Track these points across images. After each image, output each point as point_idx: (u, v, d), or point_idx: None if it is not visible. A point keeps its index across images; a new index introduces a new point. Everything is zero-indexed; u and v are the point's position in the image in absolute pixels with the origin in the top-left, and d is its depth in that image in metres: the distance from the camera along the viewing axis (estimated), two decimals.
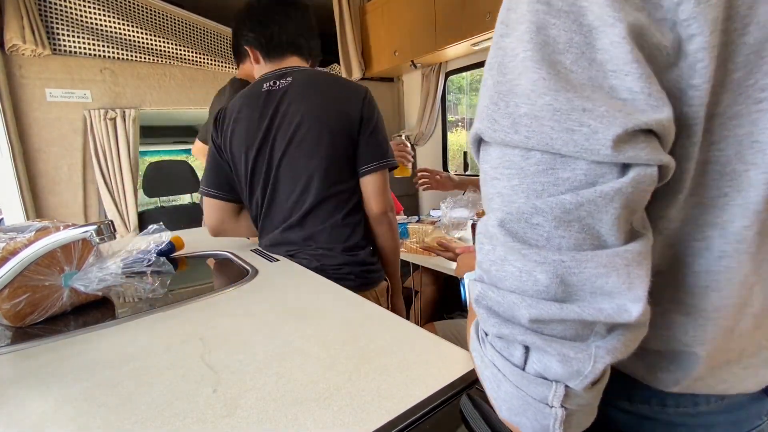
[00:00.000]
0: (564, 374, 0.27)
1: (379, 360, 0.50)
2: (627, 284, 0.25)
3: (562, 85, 0.25)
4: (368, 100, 0.97)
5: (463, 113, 4.39)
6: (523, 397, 0.28)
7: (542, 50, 0.26)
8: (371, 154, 0.97)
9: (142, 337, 0.61)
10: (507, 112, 0.27)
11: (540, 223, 0.26)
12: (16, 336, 0.65)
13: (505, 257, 0.27)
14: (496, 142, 0.28)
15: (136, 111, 2.22)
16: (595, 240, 0.26)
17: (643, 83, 0.24)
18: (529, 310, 0.26)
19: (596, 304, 0.26)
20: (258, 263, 0.96)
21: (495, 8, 0.30)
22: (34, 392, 0.48)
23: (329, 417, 0.40)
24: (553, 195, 0.26)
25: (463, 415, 0.39)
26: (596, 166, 0.25)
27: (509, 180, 0.28)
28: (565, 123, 0.25)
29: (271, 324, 0.62)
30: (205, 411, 0.42)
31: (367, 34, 3.01)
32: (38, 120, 2.02)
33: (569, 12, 0.26)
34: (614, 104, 0.24)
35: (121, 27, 2.16)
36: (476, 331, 0.33)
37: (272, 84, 0.97)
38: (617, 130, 0.23)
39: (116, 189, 2.23)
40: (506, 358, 0.29)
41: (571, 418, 0.28)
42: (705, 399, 0.38)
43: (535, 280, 0.26)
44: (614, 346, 0.26)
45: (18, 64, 1.95)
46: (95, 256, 0.76)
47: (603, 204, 0.25)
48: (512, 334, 0.28)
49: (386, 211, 1.00)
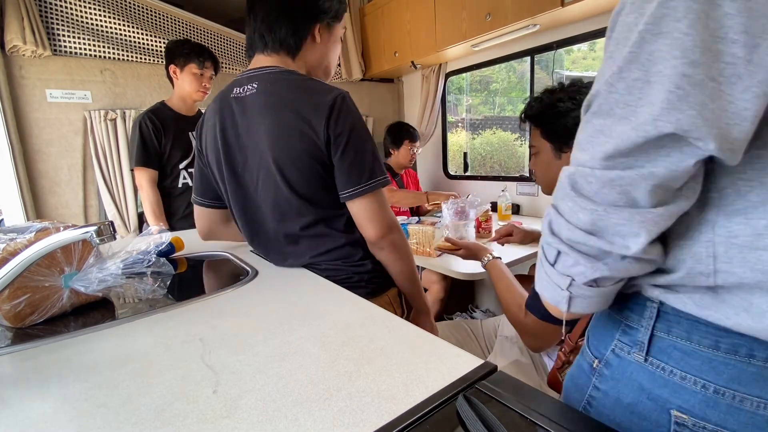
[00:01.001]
0: (574, 272, 0.44)
1: (379, 360, 0.50)
2: (636, 233, 0.38)
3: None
4: (335, 113, 0.80)
5: (463, 114, 4.39)
6: (548, 280, 0.47)
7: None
8: (347, 179, 0.83)
9: (142, 338, 0.61)
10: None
11: (593, 182, 0.39)
12: (16, 337, 0.65)
13: (565, 197, 0.42)
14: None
15: (136, 112, 2.22)
16: (629, 201, 0.38)
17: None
18: (567, 233, 0.42)
19: (610, 239, 0.40)
20: (258, 264, 0.96)
21: (495, 8, 0.31)
22: (34, 393, 0.48)
23: (329, 417, 0.40)
24: (609, 168, 0.38)
25: (459, 417, 0.39)
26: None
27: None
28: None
29: (271, 324, 0.62)
30: (205, 411, 0.42)
31: (367, 36, 3.02)
32: (38, 121, 2.02)
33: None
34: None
35: (122, 28, 2.17)
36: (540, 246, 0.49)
37: (240, 90, 0.88)
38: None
39: (116, 190, 2.23)
40: (546, 257, 0.47)
41: (574, 300, 0.45)
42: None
43: (578, 218, 0.41)
44: (617, 267, 0.41)
45: (18, 65, 1.95)
46: (95, 257, 0.76)
47: (637, 181, 0.36)
48: (554, 243, 0.44)
49: (383, 236, 0.86)
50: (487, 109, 5.50)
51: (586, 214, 0.40)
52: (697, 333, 0.42)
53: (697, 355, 0.42)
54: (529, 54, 2.31)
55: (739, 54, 0.32)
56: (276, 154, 0.83)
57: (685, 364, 0.43)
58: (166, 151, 1.79)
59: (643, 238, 0.38)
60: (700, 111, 0.33)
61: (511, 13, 1.93)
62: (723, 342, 0.41)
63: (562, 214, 0.43)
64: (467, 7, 2.16)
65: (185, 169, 1.85)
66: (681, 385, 0.43)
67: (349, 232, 0.91)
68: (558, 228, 0.44)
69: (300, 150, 0.82)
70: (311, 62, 0.92)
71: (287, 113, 0.82)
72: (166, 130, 1.77)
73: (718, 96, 0.33)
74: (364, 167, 0.83)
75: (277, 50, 0.88)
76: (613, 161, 0.37)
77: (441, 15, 2.35)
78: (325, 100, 0.81)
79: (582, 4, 1.72)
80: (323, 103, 0.80)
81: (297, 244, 0.91)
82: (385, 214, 0.87)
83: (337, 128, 0.81)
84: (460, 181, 2.96)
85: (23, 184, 1.98)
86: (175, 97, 1.83)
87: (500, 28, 2.00)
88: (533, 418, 0.39)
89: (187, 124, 1.83)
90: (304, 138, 0.81)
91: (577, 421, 0.39)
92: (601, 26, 1.91)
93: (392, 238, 0.88)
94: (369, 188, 0.83)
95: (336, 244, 0.90)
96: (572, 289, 0.44)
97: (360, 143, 0.83)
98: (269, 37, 0.86)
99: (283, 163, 0.83)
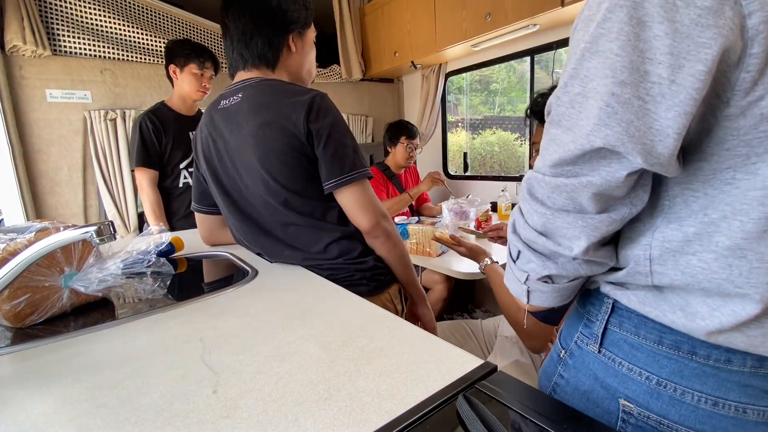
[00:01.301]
0: (528, 268, 0.48)
1: (379, 360, 0.50)
2: (577, 236, 0.43)
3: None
4: (315, 110, 0.84)
5: (463, 114, 4.39)
6: (512, 275, 0.52)
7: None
8: (329, 170, 0.86)
9: (142, 338, 0.61)
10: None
11: (544, 187, 0.43)
12: (16, 337, 0.65)
13: (523, 199, 0.47)
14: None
15: (136, 112, 2.22)
16: (577, 206, 0.41)
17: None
18: (524, 232, 0.47)
19: (558, 240, 0.45)
20: (258, 263, 0.96)
21: (495, 8, 0.31)
22: (34, 393, 0.48)
23: (329, 418, 0.40)
24: (556, 176, 0.41)
25: (459, 416, 0.39)
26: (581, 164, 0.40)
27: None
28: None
29: (271, 324, 0.62)
30: (205, 411, 0.42)
31: (367, 36, 3.02)
32: (38, 120, 2.02)
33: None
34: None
35: (122, 28, 2.17)
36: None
37: (226, 102, 0.92)
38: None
39: (116, 190, 2.23)
40: (510, 253, 0.52)
41: (532, 294, 0.50)
42: (741, 359, 0.40)
43: (532, 219, 0.45)
44: (567, 267, 0.45)
45: (18, 65, 1.95)
46: (95, 257, 0.76)
47: (579, 188, 0.40)
48: (514, 240, 0.49)
49: (375, 224, 0.89)
50: (487, 109, 5.50)
51: (539, 216, 0.44)
52: (644, 328, 0.45)
53: (644, 349, 0.45)
54: (529, 54, 2.31)
55: (664, 74, 0.34)
56: (260, 152, 0.86)
57: (632, 356, 0.46)
58: (166, 152, 1.79)
59: (583, 241, 0.42)
60: (627, 128, 0.35)
61: (511, 13, 1.93)
62: (666, 338, 0.44)
63: (523, 214, 0.48)
64: (467, 7, 2.16)
65: (186, 169, 1.85)
66: (628, 376, 0.46)
67: (344, 224, 0.93)
68: (519, 227, 0.48)
69: (283, 144, 0.85)
70: (292, 70, 0.97)
71: (269, 113, 0.86)
72: (166, 130, 1.77)
73: (645, 114, 0.35)
74: (345, 160, 0.86)
75: (257, 65, 0.92)
76: (560, 169, 0.41)
77: (441, 15, 2.35)
78: (304, 98, 0.85)
79: (582, 4, 1.71)
80: (302, 101, 0.85)
81: (292, 235, 0.92)
82: (374, 203, 0.90)
83: (317, 123, 0.84)
84: (460, 181, 2.96)
85: (23, 184, 1.98)
86: (175, 97, 1.84)
87: (500, 28, 2.00)
88: (533, 418, 0.39)
89: (187, 123, 1.83)
90: (285, 132, 0.85)
91: (577, 421, 0.39)
92: None
93: (385, 226, 0.91)
94: (352, 178, 0.86)
95: (332, 237, 0.91)
96: (529, 284, 0.49)
97: (340, 137, 0.87)
98: (247, 54, 0.91)
99: (268, 158, 0.86)
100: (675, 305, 0.42)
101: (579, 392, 0.52)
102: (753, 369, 0.40)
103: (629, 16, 0.34)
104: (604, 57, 0.36)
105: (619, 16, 0.34)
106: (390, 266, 0.98)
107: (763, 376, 0.40)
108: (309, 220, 0.91)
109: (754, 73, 0.33)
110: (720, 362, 0.41)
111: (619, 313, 0.48)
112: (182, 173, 1.85)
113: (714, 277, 0.38)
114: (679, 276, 0.40)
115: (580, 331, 0.53)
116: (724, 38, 0.32)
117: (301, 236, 0.92)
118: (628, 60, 0.34)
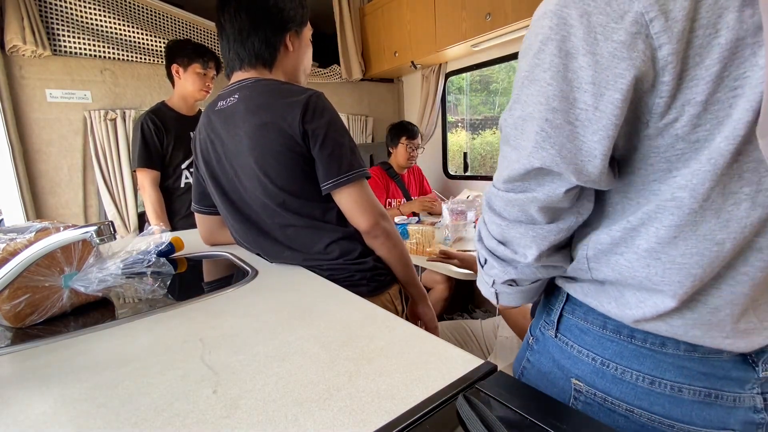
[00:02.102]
0: (492, 273, 0.53)
1: (379, 360, 0.50)
2: (529, 245, 0.48)
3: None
4: (311, 110, 0.83)
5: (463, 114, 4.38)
6: (481, 279, 0.57)
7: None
8: (326, 171, 0.85)
9: (142, 338, 0.61)
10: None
11: (499, 201, 0.48)
12: (16, 337, 0.65)
13: (484, 210, 0.52)
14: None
15: (136, 112, 2.22)
16: (529, 217, 0.46)
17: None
18: (487, 241, 0.52)
19: (514, 248, 0.49)
20: (258, 263, 0.96)
21: (495, 8, 0.31)
22: (34, 393, 0.48)
23: (329, 418, 0.40)
24: (508, 191, 0.46)
25: (459, 417, 0.39)
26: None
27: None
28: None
29: (271, 324, 0.62)
30: (205, 411, 0.42)
31: (367, 35, 3.02)
32: (38, 120, 2.02)
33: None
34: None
35: (122, 28, 2.16)
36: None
37: (223, 103, 0.92)
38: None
39: (116, 190, 2.23)
40: (479, 260, 0.56)
41: (500, 295, 0.55)
42: (675, 343, 0.46)
43: (492, 229, 0.51)
44: (525, 272, 0.50)
45: (18, 65, 1.95)
46: (95, 257, 0.76)
47: (527, 202, 0.45)
48: (480, 248, 0.55)
49: (374, 224, 0.88)
50: (487, 109, 5.49)
51: (497, 227, 0.50)
52: (591, 315, 0.51)
53: (591, 333, 0.51)
54: None
55: (589, 102, 0.38)
56: (257, 153, 0.86)
57: (581, 339, 0.52)
58: (168, 152, 1.79)
59: (534, 250, 0.47)
60: (560, 150, 0.40)
61: (511, 13, 1.93)
62: (610, 323, 0.49)
63: (485, 224, 0.52)
64: (467, 7, 2.15)
65: (187, 169, 1.85)
66: (578, 357, 0.52)
67: (344, 225, 0.92)
68: (483, 237, 0.54)
69: (280, 145, 0.84)
70: (288, 70, 0.96)
71: (265, 113, 0.85)
72: (167, 130, 1.77)
73: (574, 137, 0.40)
74: (342, 160, 0.85)
75: (254, 64, 0.91)
76: (510, 184, 0.46)
77: (441, 15, 2.35)
78: (300, 98, 0.84)
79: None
80: (298, 101, 0.83)
81: (292, 236, 0.92)
82: (373, 203, 0.89)
83: (313, 123, 0.83)
84: (460, 181, 2.96)
85: (23, 184, 1.98)
86: (176, 97, 1.84)
87: (500, 28, 2.00)
88: (533, 418, 0.39)
89: (188, 124, 1.83)
90: (281, 133, 0.84)
91: (577, 421, 0.39)
92: None
93: (384, 226, 0.90)
94: (349, 178, 0.85)
95: (332, 238, 0.90)
96: (496, 287, 0.55)
97: (337, 137, 0.86)
98: (244, 54, 0.90)
99: (265, 160, 0.86)
100: (611, 297, 0.47)
101: (541, 374, 0.57)
102: (687, 352, 0.45)
103: (558, 48, 0.38)
104: (539, 85, 0.40)
105: (550, 48, 0.39)
106: (390, 266, 0.97)
107: (698, 359, 0.45)
108: (308, 221, 0.90)
109: (666, 98, 0.37)
110: (656, 345, 0.46)
111: (572, 301, 0.54)
112: (183, 173, 1.85)
113: (636, 275, 0.43)
114: (611, 273, 0.46)
115: (543, 319, 0.59)
116: (636, 69, 0.35)
117: (300, 237, 0.91)
118: (559, 89, 0.39)
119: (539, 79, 0.40)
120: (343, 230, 0.92)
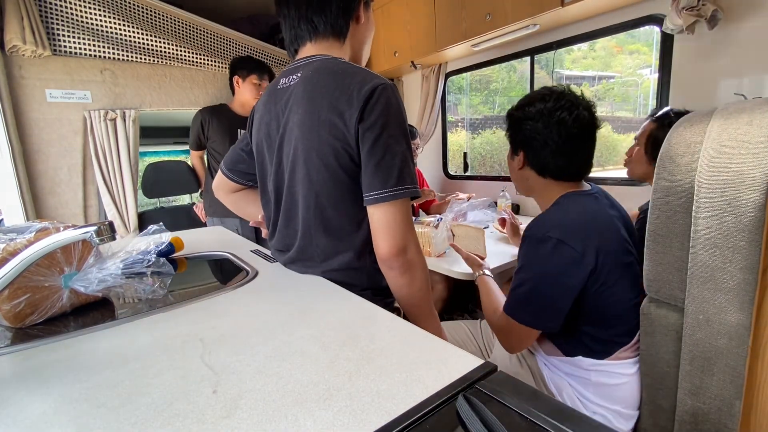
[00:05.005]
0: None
1: (379, 360, 0.50)
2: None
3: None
4: (371, 105, 0.73)
5: (463, 113, 4.38)
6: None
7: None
8: (370, 181, 0.74)
9: (142, 338, 0.61)
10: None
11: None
12: (16, 337, 0.65)
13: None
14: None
15: (136, 112, 2.22)
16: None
17: None
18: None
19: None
20: (258, 264, 0.96)
21: (495, 8, 0.31)
22: (34, 393, 0.48)
23: (329, 417, 0.40)
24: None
25: (459, 417, 0.39)
26: None
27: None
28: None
29: (271, 324, 0.62)
30: (205, 411, 0.42)
31: None
32: (38, 121, 2.02)
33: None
34: None
35: (122, 28, 2.16)
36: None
37: (285, 81, 0.84)
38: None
39: (116, 190, 2.23)
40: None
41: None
42: None
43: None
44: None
45: (18, 65, 1.95)
46: (95, 257, 0.76)
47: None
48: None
49: (396, 255, 0.76)
50: (487, 109, 5.49)
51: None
52: None
53: None
54: (529, 54, 2.31)
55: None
56: (304, 146, 0.79)
57: None
58: (215, 140, 2.22)
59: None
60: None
61: (511, 13, 1.93)
62: None
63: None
64: (467, 7, 2.15)
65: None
66: None
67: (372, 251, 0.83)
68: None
69: (328, 142, 0.76)
70: (356, 46, 0.89)
71: (321, 102, 0.76)
72: (216, 123, 2.21)
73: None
74: (391, 171, 0.74)
75: (327, 35, 0.84)
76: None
77: (441, 15, 2.35)
78: (363, 90, 0.73)
79: (582, 4, 1.72)
80: (360, 95, 0.73)
81: (319, 245, 0.85)
82: (404, 230, 0.76)
83: (369, 121, 0.73)
84: (460, 181, 2.96)
85: (23, 184, 1.97)
86: (236, 103, 2.28)
87: (500, 28, 2.00)
88: (533, 418, 0.39)
89: (240, 122, 2.25)
90: (334, 129, 0.75)
91: (577, 421, 0.39)
92: (601, 26, 1.91)
93: (405, 260, 0.77)
94: (391, 195, 0.74)
95: (358, 253, 0.83)
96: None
97: (391, 142, 0.74)
98: (319, 20, 0.82)
99: (310, 156, 0.78)
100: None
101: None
102: None
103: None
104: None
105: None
106: (400, 304, 0.86)
107: None
108: (339, 232, 0.83)
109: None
110: None
111: None
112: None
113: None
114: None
115: None
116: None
117: (327, 249, 0.84)
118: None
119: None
120: (369, 262, 0.84)
